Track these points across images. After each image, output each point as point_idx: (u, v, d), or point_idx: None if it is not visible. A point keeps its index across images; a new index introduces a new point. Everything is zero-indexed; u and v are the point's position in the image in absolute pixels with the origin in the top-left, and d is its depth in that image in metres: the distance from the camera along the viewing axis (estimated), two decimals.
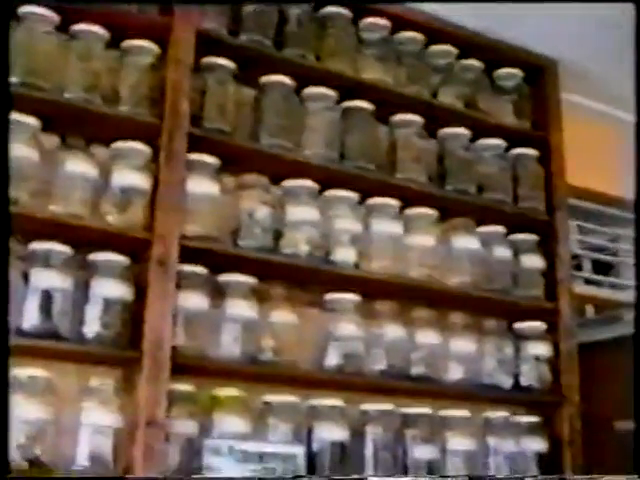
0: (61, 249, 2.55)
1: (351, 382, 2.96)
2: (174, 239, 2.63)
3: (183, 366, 2.59)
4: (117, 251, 2.62)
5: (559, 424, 3.29)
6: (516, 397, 3.31)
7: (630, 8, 3.17)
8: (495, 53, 3.56)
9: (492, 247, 3.34)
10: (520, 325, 3.38)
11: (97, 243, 2.62)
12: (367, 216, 3.10)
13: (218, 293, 2.81)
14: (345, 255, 2.96)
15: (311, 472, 2.74)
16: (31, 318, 2.46)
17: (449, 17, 3.40)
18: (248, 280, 2.82)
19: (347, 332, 2.94)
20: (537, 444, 3.24)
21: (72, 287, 2.57)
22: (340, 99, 3.12)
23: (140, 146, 2.72)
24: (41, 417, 2.41)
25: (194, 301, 2.71)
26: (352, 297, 3.00)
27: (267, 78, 2.99)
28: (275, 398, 2.81)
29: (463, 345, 3.21)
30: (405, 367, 3.05)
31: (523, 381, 3.31)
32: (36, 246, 2.52)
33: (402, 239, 3.12)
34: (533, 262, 3.42)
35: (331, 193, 3.04)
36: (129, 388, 2.60)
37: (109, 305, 2.57)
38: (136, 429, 2.49)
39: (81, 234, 2.59)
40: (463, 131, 3.37)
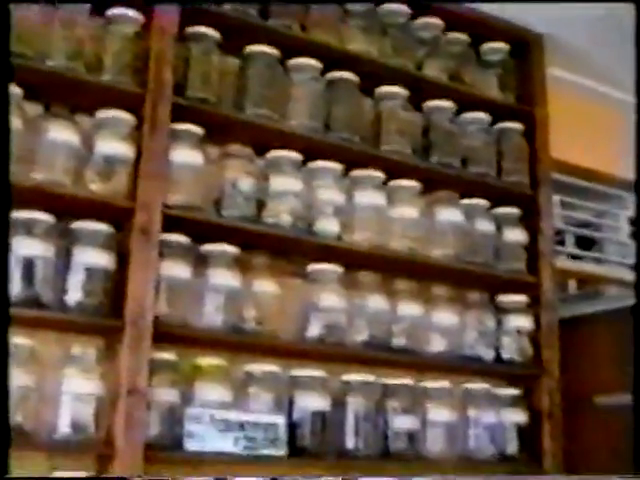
0: (44, 217, 2.55)
1: (333, 353, 2.98)
2: (157, 208, 2.63)
3: (165, 335, 2.60)
4: (100, 219, 2.62)
5: (539, 397, 3.32)
6: (497, 369, 3.34)
7: None
8: (481, 27, 3.55)
9: (475, 220, 3.35)
10: (502, 298, 3.40)
11: (80, 211, 2.61)
12: (351, 187, 3.10)
13: (201, 262, 2.82)
14: (328, 226, 2.96)
15: (292, 441, 2.76)
16: (13, 286, 2.44)
17: None
18: (231, 250, 2.83)
19: (329, 303, 2.95)
20: (517, 416, 3.28)
21: (54, 255, 2.57)
22: (325, 70, 3.11)
23: (124, 115, 2.71)
24: (23, 385, 2.42)
25: (177, 270, 2.71)
26: (335, 268, 3.01)
27: (252, 48, 2.98)
28: (257, 368, 2.83)
29: (445, 317, 3.23)
30: (387, 338, 3.06)
31: (504, 354, 3.33)
32: (18, 214, 2.50)
33: (385, 211, 3.12)
34: (516, 236, 3.43)
35: (315, 164, 3.04)
36: (111, 356, 2.60)
37: (91, 273, 2.57)
38: (118, 397, 2.50)
39: (64, 202, 2.59)
40: (448, 104, 3.37)
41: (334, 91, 3.11)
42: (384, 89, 3.25)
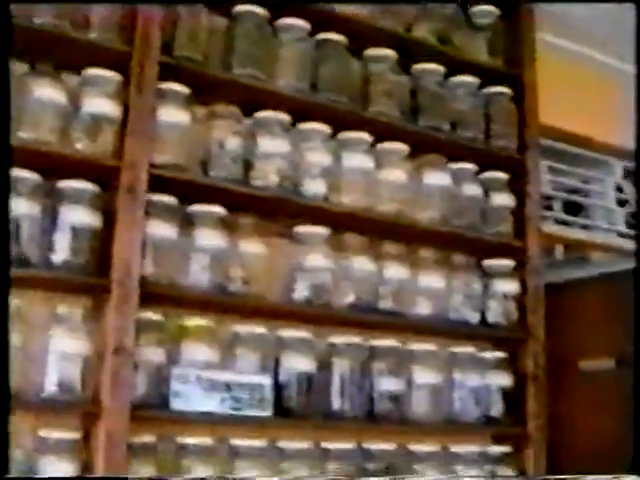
0: (29, 176, 2.53)
1: (319, 314, 2.98)
2: (144, 167, 2.61)
3: (151, 295, 2.60)
4: (86, 178, 2.60)
5: (524, 360, 3.33)
6: (482, 333, 3.34)
7: None
8: None
9: (463, 184, 3.35)
10: (488, 262, 3.40)
11: (66, 170, 2.60)
12: (338, 149, 3.08)
13: (187, 223, 2.81)
14: (315, 187, 2.95)
15: (278, 402, 2.78)
16: None
17: None
18: (217, 210, 2.82)
19: (316, 264, 2.95)
20: (502, 379, 3.29)
21: (40, 214, 2.56)
22: (313, 31, 3.08)
23: (110, 73, 2.68)
24: (10, 344, 2.41)
25: (163, 230, 2.70)
26: (321, 230, 3.00)
27: (240, 7, 2.95)
28: (243, 328, 2.84)
29: (431, 280, 3.22)
30: (373, 301, 3.06)
31: (490, 317, 3.34)
32: None
33: (373, 173, 3.11)
34: (503, 200, 3.43)
35: (303, 126, 3.02)
36: (97, 316, 2.60)
37: (77, 232, 2.56)
38: (104, 357, 2.50)
39: (50, 161, 2.57)
40: (437, 67, 3.34)
41: (322, 52, 3.08)
42: (373, 51, 3.22)
